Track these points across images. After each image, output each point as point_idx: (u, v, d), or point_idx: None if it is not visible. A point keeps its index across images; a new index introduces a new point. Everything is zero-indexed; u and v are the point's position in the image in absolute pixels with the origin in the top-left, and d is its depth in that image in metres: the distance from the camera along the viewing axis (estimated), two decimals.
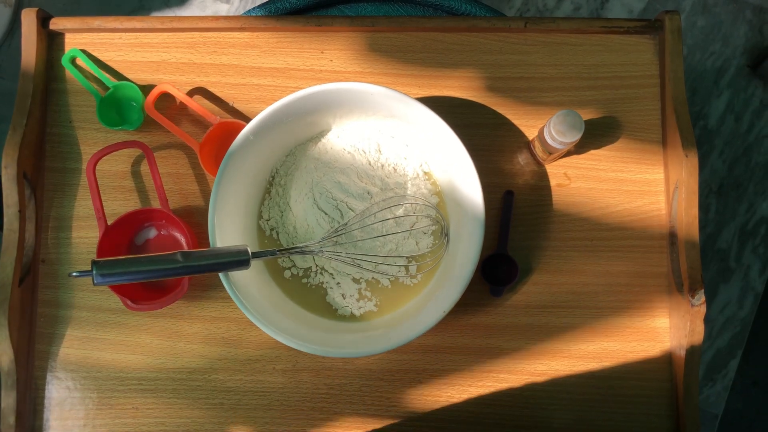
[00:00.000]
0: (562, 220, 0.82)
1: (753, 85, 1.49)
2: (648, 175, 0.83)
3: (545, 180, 0.83)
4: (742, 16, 1.51)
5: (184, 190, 0.83)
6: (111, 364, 0.81)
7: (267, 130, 0.74)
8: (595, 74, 0.84)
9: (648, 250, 0.82)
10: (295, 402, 0.80)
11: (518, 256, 0.81)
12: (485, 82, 0.84)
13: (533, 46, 0.84)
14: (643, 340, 0.81)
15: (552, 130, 0.74)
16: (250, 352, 0.81)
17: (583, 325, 0.81)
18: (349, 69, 0.85)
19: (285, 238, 0.80)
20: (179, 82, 0.84)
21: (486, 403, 0.80)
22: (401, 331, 0.72)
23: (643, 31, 0.84)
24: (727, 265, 1.46)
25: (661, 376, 0.80)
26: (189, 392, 0.80)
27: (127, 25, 0.84)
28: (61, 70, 0.85)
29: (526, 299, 0.81)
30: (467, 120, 0.83)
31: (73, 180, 0.83)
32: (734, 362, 1.44)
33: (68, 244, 0.82)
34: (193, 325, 0.81)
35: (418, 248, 0.79)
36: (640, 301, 0.81)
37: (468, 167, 0.73)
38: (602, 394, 0.80)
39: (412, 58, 0.85)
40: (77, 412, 0.80)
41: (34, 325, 0.81)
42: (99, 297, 0.81)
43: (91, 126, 0.84)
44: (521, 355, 0.81)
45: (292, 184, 0.79)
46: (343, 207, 0.78)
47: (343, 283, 0.79)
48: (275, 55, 0.85)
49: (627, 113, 0.84)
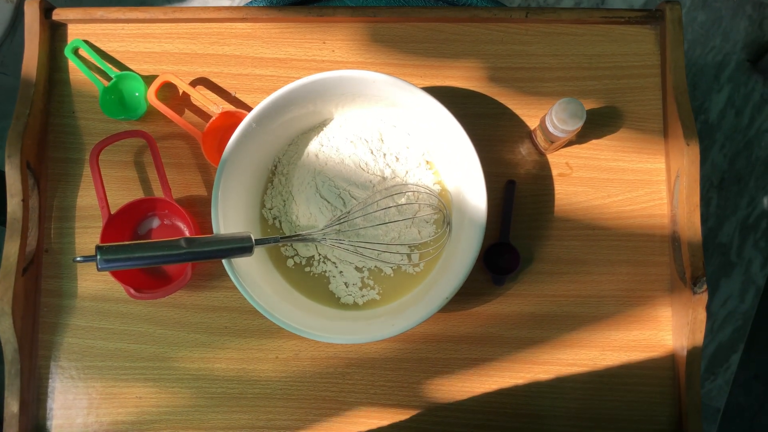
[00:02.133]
0: (563, 210, 0.82)
1: (753, 79, 1.49)
2: (649, 164, 0.83)
3: (547, 169, 0.83)
4: (743, 11, 1.51)
5: (187, 179, 0.83)
6: (114, 354, 0.81)
7: (269, 119, 0.74)
8: (596, 64, 0.84)
9: (649, 239, 0.82)
10: (297, 391, 0.80)
11: (520, 245, 0.81)
12: (487, 72, 0.84)
13: (534, 37, 0.85)
14: (645, 329, 0.81)
15: (554, 118, 0.74)
16: (253, 341, 0.81)
17: (585, 314, 0.81)
18: (351, 59, 0.85)
19: (288, 226, 0.80)
20: (182, 73, 0.84)
21: (488, 391, 0.80)
22: (404, 318, 0.72)
23: (643, 21, 0.84)
24: (728, 259, 1.46)
25: (663, 364, 0.80)
26: (192, 381, 0.81)
27: (129, 15, 0.84)
28: (64, 61, 0.85)
29: (528, 288, 0.81)
30: (469, 110, 0.83)
31: (76, 170, 0.83)
32: (736, 356, 1.44)
33: (71, 233, 0.82)
34: (196, 315, 0.81)
35: (420, 237, 0.79)
36: (642, 290, 0.81)
37: (471, 156, 0.73)
38: (604, 382, 0.80)
39: (414, 48, 0.85)
40: (80, 402, 0.80)
41: (38, 314, 0.81)
42: (102, 286, 0.81)
43: (94, 116, 0.84)
44: (523, 344, 0.81)
45: (295, 173, 0.79)
46: (345, 195, 0.78)
47: (346, 272, 0.79)
48: (277, 46, 0.85)
49: (628, 103, 0.84)
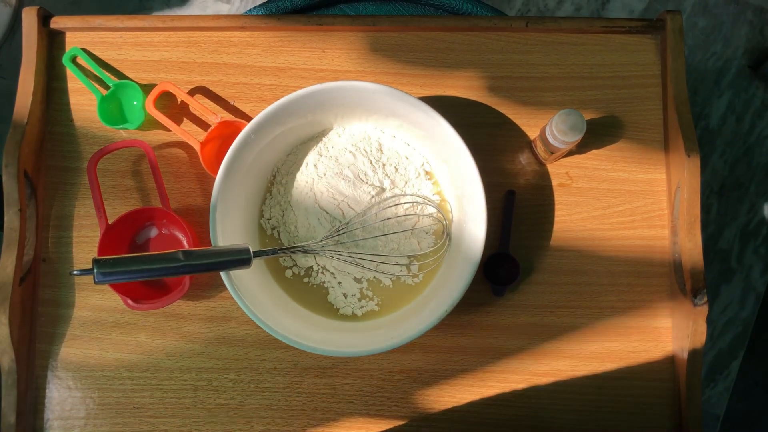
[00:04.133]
0: (563, 220, 0.82)
1: (754, 85, 1.49)
2: (650, 174, 0.83)
3: (547, 179, 0.83)
4: (743, 16, 1.51)
5: (185, 189, 0.83)
6: (112, 364, 0.80)
7: (268, 129, 0.74)
8: (596, 74, 0.84)
9: (650, 250, 0.82)
10: (296, 402, 0.80)
11: (520, 255, 0.81)
12: (487, 82, 0.84)
13: (535, 46, 0.84)
14: (646, 340, 0.80)
15: (554, 130, 0.73)
16: (251, 351, 0.81)
17: (585, 325, 0.81)
18: (351, 68, 0.84)
19: (286, 237, 0.80)
20: (180, 81, 0.84)
21: (488, 403, 0.80)
22: (403, 330, 0.72)
23: (644, 30, 0.84)
24: (728, 265, 1.46)
25: (663, 376, 0.80)
26: (190, 392, 0.80)
27: (128, 24, 0.84)
28: (62, 69, 0.84)
29: (527, 299, 0.81)
30: (468, 119, 0.83)
31: (73, 179, 0.83)
32: (736, 363, 1.44)
33: (69, 243, 0.82)
34: (194, 325, 0.81)
35: (419, 247, 0.79)
36: (643, 301, 0.81)
37: (470, 166, 0.73)
38: (604, 394, 0.80)
39: (414, 57, 0.84)
40: (78, 412, 0.80)
41: (35, 324, 0.81)
42: (100, 296, 0.81)
43: (92, 125, 0.84)
44: (523, 355, 0.80)
45: (294, 183, 0.79)
46: (344, 206, 0.78)
47: (345, 283, 0.79)
48: (276, 54, 0.84)
49: (628, 113, 0.84)
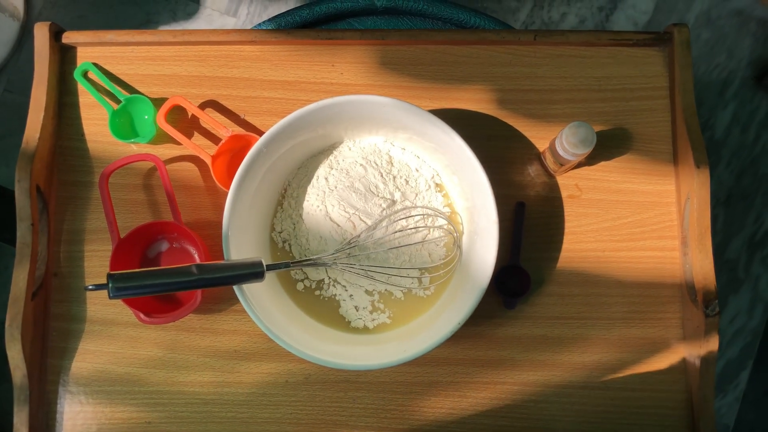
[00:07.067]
0: (573, 232, 0.82)
1: (759, 96, 1.50)
2: (659, 186, 0.83)
3: (556, 191, 0.83)
4: (747, 28, 1.52)
5: (196, 202, 0.83)
6: (123, 378, 0.80)
7: (280, 143, 0.74)
8: (604, 86, 0.84)
9: (660, 261, 0.82)
10: (307, 415, 0.80)
11: (530, 267, 0.81)
12: (495, 95, 0.85)
13: (542, 59, 0.85)
14: (657, 351, 0.80)
15: (564, 142, 0.74)
16: (263, 365, 0.81)
17: (596, 337, 0.81)
18: (360, 82, 0.85)
19: (297, 250, 0.80)
20: (191, 95, 0.84)
21: (500, 415, 0.80)
22: (415, 344, 0.72)
23: (651, 43, 0.84)
24: (736, 275, 1.46)
25: (675, 387, 0.80)
26: (202, 406, 0.80)
27: (138, 38, 0.84)
28: (73, 84, 0.85)
29: (538, 311, 0.81)
30: (478, 132, 0.83)
31: (85, 193, 0.83)
32: (745, 373, 1.43)
33: (81, 257, 0.82)
34: (206, 338, 0.81)
35: (431, 260, 0.79)
36: (653, 312, 0.81)
37: (481, 178, 0.73)
38: (616, 405, 0.80)
39: (423, 71, 0.85)
40: (90, 427, 0.80)
41: (47, 339, 0.81)
42: (111, 310, 0.81)
43: (103, 139, 0.84)
44: (535, 366, 0.80)
45: (305, 197, 0.79)
46: (355, 219, 0.78)
47: (356, 295, 0.79)
48: (286, 68, 0.85)
49: (637, 125, 0.84)
